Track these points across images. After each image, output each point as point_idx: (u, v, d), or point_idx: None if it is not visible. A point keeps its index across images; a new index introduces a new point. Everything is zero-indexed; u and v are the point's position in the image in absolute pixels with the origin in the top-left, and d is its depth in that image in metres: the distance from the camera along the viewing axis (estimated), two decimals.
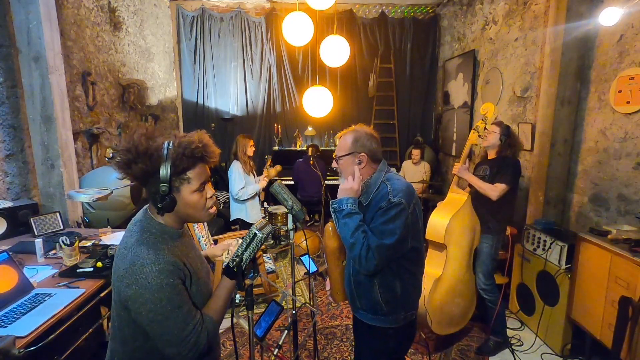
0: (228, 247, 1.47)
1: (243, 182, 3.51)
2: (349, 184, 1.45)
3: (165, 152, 0.98)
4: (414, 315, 1.56)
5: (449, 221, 2.37)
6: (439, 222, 2.42)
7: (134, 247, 0.99)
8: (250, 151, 3.64)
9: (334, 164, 1.56)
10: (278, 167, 3.94)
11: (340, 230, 1.43)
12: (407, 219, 1.37)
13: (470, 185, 2.59)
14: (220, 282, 1.16)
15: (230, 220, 3.82)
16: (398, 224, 1.35)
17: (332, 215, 1.48)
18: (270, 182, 3.75)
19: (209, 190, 1.09)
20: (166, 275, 0.97)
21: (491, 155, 2.57)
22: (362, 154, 1.46)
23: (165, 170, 0.97)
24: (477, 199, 2.50)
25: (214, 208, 1.12)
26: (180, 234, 1.10)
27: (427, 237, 2.47)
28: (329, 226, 1.59)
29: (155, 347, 1.03)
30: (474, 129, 2.57)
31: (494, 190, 2.38)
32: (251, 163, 3.68)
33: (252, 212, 3.68)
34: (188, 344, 0.99)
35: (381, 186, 1.43)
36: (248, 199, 3.61)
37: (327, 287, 1.72)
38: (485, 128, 2.53)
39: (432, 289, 2.38)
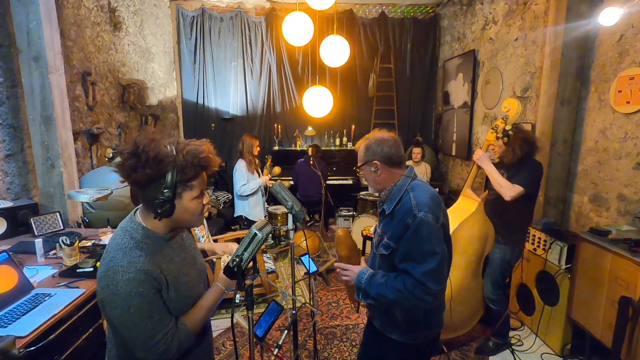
0: (230, 251, 1.46)
1: (246, 179, 3.64)
2: (347, 277, 1.46)
3: (173, 158, 0.98)
4: (437, 333, 1.49)
5: (454, 230, 2.27)
6: None
7: (112, 251, 1.00)
8: (256, 151, 3.76)
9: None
10: (277, 169, 4.08)
11: (379, 300, 1.38)
12: (440, 233, 1.31)
13: (490, 189, 2.43)
14: (207, 292, 1.16)
15: (234, 216, 3.88)
16: (434, 242, 1.28)
17: (362, 295, 1.44)
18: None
19: (206, 196, 1.11)
20: (136, 284, 0.96)
21: (507, 159, 2.29)
22: (374, 161, 1.41)
23: (171, 177, 0.98)
24: (492, 206, 2.39)
25: (206, 212, 1.13)
26: (166, 238, 1.09)
27: None
28: (339, 232, 1.55)
29: None
30: (492, 129, 2.35)
31: (511, 190, 2.16)
32: (256, 162, 3.79)
33: (254, 210, 3.75)
34: (156, 352, 1.00)
35: (404, 196, 1.37)
36: (251, 196, 3.69)
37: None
38: (504, 129, 2.26)
39: None
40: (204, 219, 3.31)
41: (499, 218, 2.38)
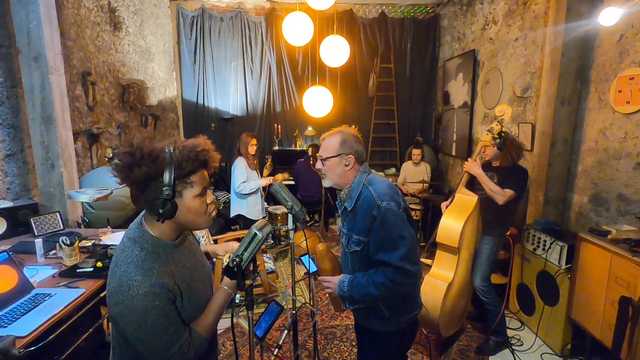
0: (232, 249, 1.46)
1: (245, 176, 3.57)
2: (329, 289, 1.50)
3: (169, 154, 0.97)
4: (417, 315, 1.55)
5: (463, 225, 2.34)
6: (452, 226, 2.39)
7: (123, 265, 0.98)
8: (252, 149, 3.69)
9: (318, 165, 1.53)
10: (286, 175, 4.00)
11: (365, 300, 1.43)
12: (404, 217, 1.39)
13: (478, 189, 2.58)
14: (214, 295, 1.15)
15: (231, 216, 3.83)
16: (401, 226, 1.35)
17: (349, 302, 1.50)
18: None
19: (209, 195, 1.09)
20: (152, 298, 0.95)
21: (496, 163, 2.57)
22: (349, 155, 1.45)
23: (169, 174, 0.96)
24: (484, 202, 2.50)
25: (215, 212, 1.12)
26: (176, 244, 1.07)
27: (438, 240, 2.45)
28: (320, 247, 1.54)
29: None
30: (487, 131, 2.49)
31: (503, 195, 2.41)
32: (255, 161, 3.73)
33: (254, 209, 3.71)
34: None
35: (363, 191, 1.42)
36: (250, 195, 3.64)
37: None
38: (500, 131, 2.44)
39: (445, 294, 2.34)
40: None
41: (491, 214, 2.53)
